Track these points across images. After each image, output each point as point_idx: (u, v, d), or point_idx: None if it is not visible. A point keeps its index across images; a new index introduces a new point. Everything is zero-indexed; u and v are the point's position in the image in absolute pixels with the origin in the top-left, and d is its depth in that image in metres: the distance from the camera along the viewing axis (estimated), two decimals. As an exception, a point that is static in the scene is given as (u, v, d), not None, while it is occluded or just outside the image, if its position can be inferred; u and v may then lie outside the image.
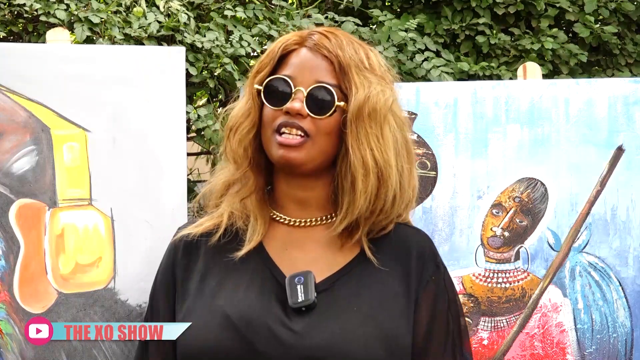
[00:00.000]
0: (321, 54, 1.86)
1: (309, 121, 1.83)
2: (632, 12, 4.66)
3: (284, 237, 1.90)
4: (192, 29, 3.40)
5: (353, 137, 1.82)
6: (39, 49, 2.46)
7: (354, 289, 1.83)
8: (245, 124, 1.88)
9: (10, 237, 2.28)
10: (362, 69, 1.86)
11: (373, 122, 1.84)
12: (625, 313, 2.45)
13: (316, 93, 1.83)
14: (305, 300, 1.78)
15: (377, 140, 1.83)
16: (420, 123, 2.52)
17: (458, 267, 2.47)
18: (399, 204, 1.88)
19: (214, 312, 1.81)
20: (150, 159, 2.35)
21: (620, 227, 2.47)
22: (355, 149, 1.82)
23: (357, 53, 1.87)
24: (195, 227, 1.94)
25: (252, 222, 1.89)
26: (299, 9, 4.17)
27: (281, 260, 1.87)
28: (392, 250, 1.89)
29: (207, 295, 1.85)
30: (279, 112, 1.84)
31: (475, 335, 2.46)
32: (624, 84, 2.56)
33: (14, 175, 2.29)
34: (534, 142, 2.51)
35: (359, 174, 1.82)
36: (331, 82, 1.84)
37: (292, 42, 1.89)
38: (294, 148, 1.82)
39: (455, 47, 4.41)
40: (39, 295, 2.27)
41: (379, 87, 1.86)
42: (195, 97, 3.95)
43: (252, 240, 1.88)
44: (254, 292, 1.83)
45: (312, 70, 1.85)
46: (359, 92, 1.83)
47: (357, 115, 1.83)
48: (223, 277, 1.87)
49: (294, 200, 1.90)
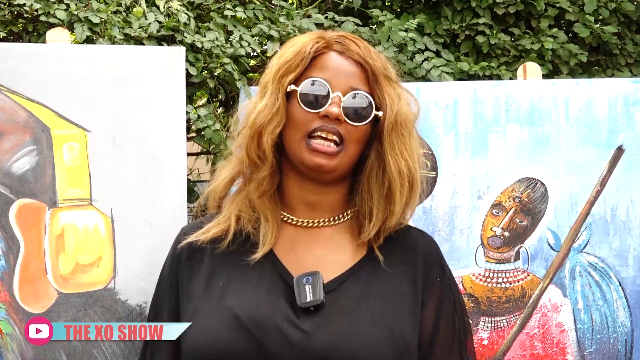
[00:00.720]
0: (353, 59, 1.87)
1: (344, 127, 1.84)
2: (632, 12, 4.66)
3: (292, 238, 1.90)
4: (192, 29, 3.40)
5: (390, 146, 1.86)
6: (39, 49, 2.46)
7: (362, 289, 1.84)
8: (274, 121, 1.86)
9: (10, 237, 2.28)
10: (388, 78, 1.89)
11: (405, 132, 1.88)
12: (625, 313, 2.45)
13: (353, 100, 1.84)
14: (313, 300, 1.79)
15: (408, 150, 1.89)
16: (420, 123, 2.51)
17: (458, 267, 2.47)
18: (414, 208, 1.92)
19: (223, 313, 1.81)
20: (150, 159, 2.35)
21: (620, 227, 2.47)
22: (393, 159, 1.85)
23: (381, 62, 1.90)
24: (202, 233, 1.93)
25: (264, 224, 1.88)
26: (299, 9, 4.17)
27: (289, 260, 1.87)
28: (399, 252, 1.90)
29: (214, 296, 1.85)
30: (314, 115, 1.83)
31: (475, 335, 2.46)
32: (624, 84, 2.56)
33: (14, 175, 2.29)
34: (534, 142, 2.51)
35: (397, 184, 1.85)
36: (364, 90, 1.86)
37: (322, 44, 1.89)
38: (329, 156, 1.82)
39: (455, 47, 4.41)
40: (39, 295, 2.27)
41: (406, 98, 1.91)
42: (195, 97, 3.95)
43: (265, 242, 1.87)
44: (262, 292, 1.83)
45: (346, 76, 1.86)
46: (394, 103, 1.87)
47: (393, 126, 1.86)
48: (230, 278, 1.87)
49: (305, 202, 1.90)
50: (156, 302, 1.96)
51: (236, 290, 1.84)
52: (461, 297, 1.97)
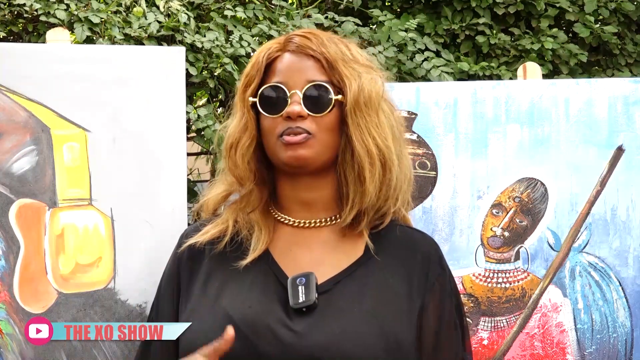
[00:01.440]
0: (306, 54, 1.88)
1: (310, 121, 1.84)
2: (632, 12, 4.66)
3: (289, 239, 1.91)
4: (192, 29, 3.40)
5: (354, 127, 1.85)
6: (39, 49, 2.46)
7: (356, 289, 1.83)
8: (245, 138, 1.89)
9: (10, 237, 2.27)
10: (347, 61, 1.88)
11: (370, 111, 1.86)
12: (625, 313, 2.45)
13: (311, 92, 1.85)
14: (306, 300, 1.79)
15: (376, 128, 1.86)
16: (420, 123, 2.52)
17: (458, 267, 2.47)
18: (399, 187, 1.89)
19: (217, 313, 1.81)
20: (150, 159, 2.35)
21: (620, 227, 2.47)
22: (359, 139, 1.84)
23: (338, 47, 1.90)
24: (200, 235, 1.94)
25: (257, 233, 1.90)
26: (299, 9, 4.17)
27: (285, 261, 1.88)
28: (397, 252, 1.90)
29: (210, 296, 1.85)
30: (278, 119, 1.85)
31: (475, 335, 2.46)
32: (624, 84, 2.56)
33: (14, 175, 2.29)
34: (534, 142, 2.51)
35: (366, 163, 1.84)
36: (323, 79, 1.86)
37: (274, 49, 1.91)
38: (301, 145, 1.83)
39: (455, 47, 4.41)
40: (39, 295, 2.27)
41: (369, 75, 1.89)
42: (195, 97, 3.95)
43: (256, 249, 1.88)
44: (256, 293, 1.83)
45: (301, 72, 1.87)
46: (352, 83, 1.85)
47: (355, 106, 1.85)
48: (226, 279, 1.87)
49: (300, 202, 1.91)
50: (157, 305, 1.97)
51: (231, 291, 1.84)
52: (461, 298, 1.97)
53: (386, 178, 1.86)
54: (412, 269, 1.88)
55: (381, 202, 1.88)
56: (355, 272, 1.86)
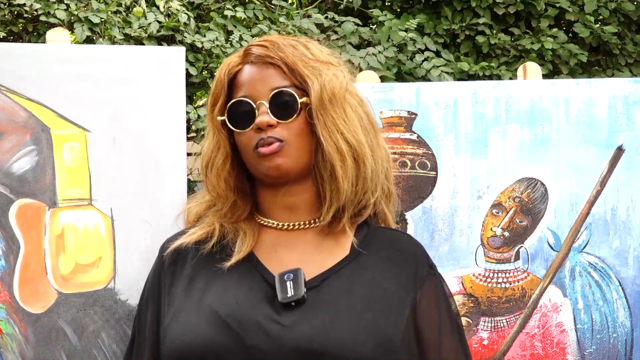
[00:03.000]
0: (265, 62, 1.88)
1: (280, 129, 1.85)
2: (632, 12, 4.66)
3: (273, 240, 1.91)
4: (192, 29, 3.40)
5: (322, 126, 1.85)
6: (39, 49, 2.46)
7: (344, 285, 1.84)
8: (219, 157, 1.91)
9: (10, 237, 2.28)
10: (307, 61, 1.88)
11: (335, 107, 1.86)
12: (625, 313, 2.45)
13: (277, 99, 1.85)
14: (294, 295, 1.79)
15: (344, 123, 1.86)
16: (420, 123, 2.52)
17: (458, 267, 2.47)
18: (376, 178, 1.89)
19: (203, 311, 1.82)
20: (150, 159, 2.35)
21: (620, 227, 2.47)
22: (327, 138, 1.84)
23: (296, 49, 1.89)
24: (187, 236, 1.95)
25: (241, 236, 1.91)
26: (299, 9, 4.17)
27: (270, 262, 1.88)
28: (384, 251, 1.90)
29: (194, 296, 1.86)
30: (250, 132, 1.86)
31: (475, 335, 2.46)
32: (624, 84, 2.56)
33: (14, 175, 2.29)
34: (534, 142, 2.51)
35: (336, 161, 1.84)
36: (285, 84, 1.86)
37: (234, 64, 1.92)
38: (276, 154, 1.84)
39: (455, 47, 4.41)
40: (39, 295, 2.27)
41: (330, 72, 1.88)
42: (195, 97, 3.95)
43: (240, 251, 1.89)
44: (242, 291, 1.84)
45: (263, 81, 1.87)
46: (314, 83, 1.85)
47: (319, 106, 1.85)
48: (211, 279, 1.88)
49: (282, 207, 1.91)
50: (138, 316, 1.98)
51: (216, 290, 1.85)
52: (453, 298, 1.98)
53: (361, 172, 1.87)
54: (400, 267, 1.88)
55: (359, 196, 1.88)
56: (342, 269, 1.87)
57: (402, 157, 2.51)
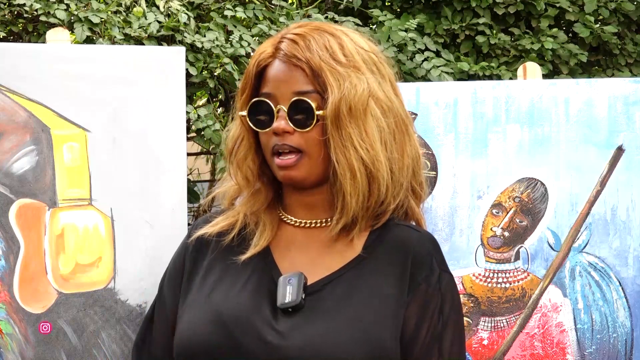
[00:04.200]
0: (292, 64, 1.83)
1: (297, 137, 1.82)
2: (632, 12, 4.66)
3: (289, 238, 1.91)
4: (192, 29, 3.40)
5: (335, 141, 1.80)
6: (39, 49, 2.46)
7: (344, 291, 1.83)
8: (241, 149, 1.90)
9: (10, 237, 2.27)
10: (334, 66, 1.82)
11: (353, 120, 1.80)
12: (625, 313, 2.45)
13: (297, 107, 1.82)
14: (292, 301, 1.79)
15: (360, 139, 1.80)
16: (420, 123, 2.52)
17: (458, 267, 2.47)
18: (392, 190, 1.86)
19: (208, 308, 1.83)
20: (150, 159, 2.35)
21: (620, 227, 2.47)
22: (339, 154, 1.80)
23: (328, 49, 1.83)
24: (211, 226, 1.95)
25: (261, 228, 1.90)
26: (299, 9, 4.17)
27: (283, 260, 1.88)
28: (392, 253, 1.89)
29: (205, 290, 1.87)
30: (269, 133, 1.84)
31: (475, 335, 2.46)
32: (624, 84, 2.56)
33: (14, 175, 2.29)
34: (534, 142, 2.51)
35: (347, 178, 1.81)
36: (308, 90, 1.82)
37: (265, 55, 1.86)
38: (292, 168, 1.82)
39: (455, 47, 4.41)
40: (39, 295, 2.27)
41: (354, 80, 1.82)
42: (195, 97, 3.95)
43: (257, 245, 1.89)
44: (248, 290, 1.84)
45: (288, 83, 1.83)
46: (334, 93, 1.79)
47: (334, 119, 1.80)
48: (223, 274, 1.88)
49: (302, 203, 1.91)
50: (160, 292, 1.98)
51: (226, 286, 1.86)
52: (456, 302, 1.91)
53: (373, 189, 1.83)
54: (404, 269, 1.86)
55: (373, 209, 1.86)
56: (345, 274, 1.85)
57: (402, 157, 2.51)
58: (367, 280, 1.84)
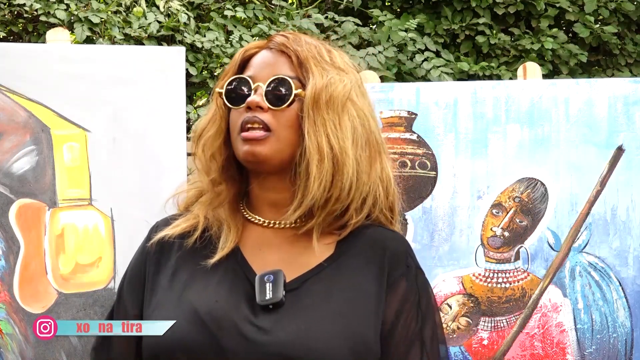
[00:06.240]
0: (280, 51, 1.87)
1: (270, 115, 1.83)
2: (632, 12, 4.67)
3: (258, 238, 1.90)
4: (192, 29, 3.40)
5: (310, 122, 1.82)
6: (39, 49, 2.46)
7: (324, 288, 1.83)
8: (211, 130, 1.89)
9: (10, 237, 2.27)
10: (320, 61, 1.86)
11: (331, 110, 1.83)
12: (625, 313, 2.45)
13: (274, 85, 1.84)
14: (273, 298, 1.79)
15: (334, 127, 1.82)
16: (420, 123, 2.52)
17: (458, 267, 2.47)
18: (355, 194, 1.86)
19: (183, 307, 1.82)
20: (150, 159, 2.35)
21: (620, 227, 2.47)
22: (311, 134, 1.81)
23: (316, 48, 1.87)
24: (171, 228, 1.94)
25: (225, 230, 1.89)
26: (299, 9, 4.17)
27: (255, 260, 1.87)
28: (368, 251, 1.89)
29: (177, 290, 1.85)
30: (242, 110, 1.84)
31: (475, 335, 2.46)
32: (624, 84, 2.56)
33: (14, 175, 2.29)
34: (534, 142, 2.51)
35: (314, 159, 1.81)
36: (289, 74, 1.85)
37: (253, 46, 1.91)
38: (258, 142, 1.82)
39: (455, 47, 4.41)
40: (39, 295, 2.27)
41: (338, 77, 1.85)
42: (195, 97, 3.95)
43: (224, 247, 1.88)
44: (224, 289, 1.83)
45: (271, 67, 1.86)
46: (317, 80, 1.83)
47: (314, 102, 1.82)
48: (193, 274, 1.87)
49: (268, 202, 1.90)
50: (120, 293, 1.95)
51: (198, 286, 1.85)
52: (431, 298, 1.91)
53: (337, 179, 1.83)
54: (381, 267, 1.86)
55: (332, 205, 1.85)
56: (324, 271, 1.85)
57: (402, 157, 2.51)
58: (345, 277, 1.85)
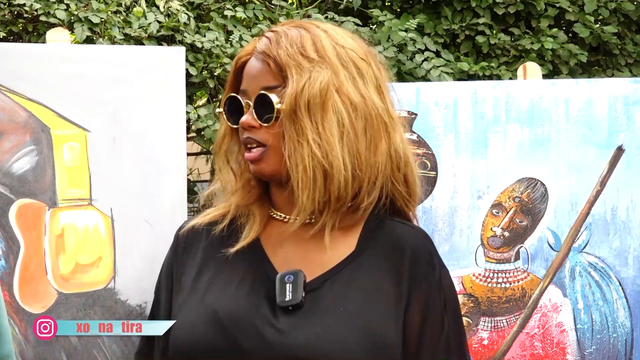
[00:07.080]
0: (262, 60, 1.85)
1: (263, 131, 1.83)
2: (632, 12, 4.66)
3: (281, 235, 1.91)
4: (192, 29, 3.40)
5: (289, 136, 1.80)
6: (39, 49, 2.46)
7: (343, 289, 1.83)
8: (222, 145, 1.91)
9: (10, 237, 2.28)
10: (299, 61, 1.81)
11: (310, 114, 1.79)
12: (625, 313, 2.45)
13: (261, 101, 1.84)
14: (292, 299, 1.79)
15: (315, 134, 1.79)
16: (420, 123, 2.52)
17: (458, 267, 2.47)
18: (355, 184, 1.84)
19: (203, 308, 1.82)
20: (150, 159, 2.35)
21: (620, 227, 2.47)
22: (291, 149, 1.81)
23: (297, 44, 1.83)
24: (202, 216, 1.95)
25: (251, 221, 1.90)
26: (299, 9, 4.17)
27: (276, 257, 1.88)
28: (388, 249, 1.88)
29: (199, 290, 1.86)
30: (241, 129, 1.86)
31: (475, 335, 2.46)
32: (624, 84, 2.56)
33: (14, 175, 2.29)
34: (534, 142, 2.51)
35: (298, 173, 1.81)
36: (274, 85, 1.83)
37: (244, 53, 1.90)
38: (259, 161, 1.83)
39: (455, 47, 4.41)
40: (39, 295, 2.27)
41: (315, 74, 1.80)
42: (195, 97, 3.96)
43: (247, 237, 1.88)
44: (244, 289, 1.84)
45: (258, 79, 1.85)
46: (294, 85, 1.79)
47: (290, 113, 1.80)
48: (217, 272, 1.88)
49: (287, 201, 1.91)
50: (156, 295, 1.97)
51: (220, 285, 1.85)
52: (456, 298, 1.93)
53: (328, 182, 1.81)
54: (401, 267, 1.86)
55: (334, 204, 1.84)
56: (342, 271, 1.85)
57: (402, 157, 2.51)
58: (365, 277, 1.84)
